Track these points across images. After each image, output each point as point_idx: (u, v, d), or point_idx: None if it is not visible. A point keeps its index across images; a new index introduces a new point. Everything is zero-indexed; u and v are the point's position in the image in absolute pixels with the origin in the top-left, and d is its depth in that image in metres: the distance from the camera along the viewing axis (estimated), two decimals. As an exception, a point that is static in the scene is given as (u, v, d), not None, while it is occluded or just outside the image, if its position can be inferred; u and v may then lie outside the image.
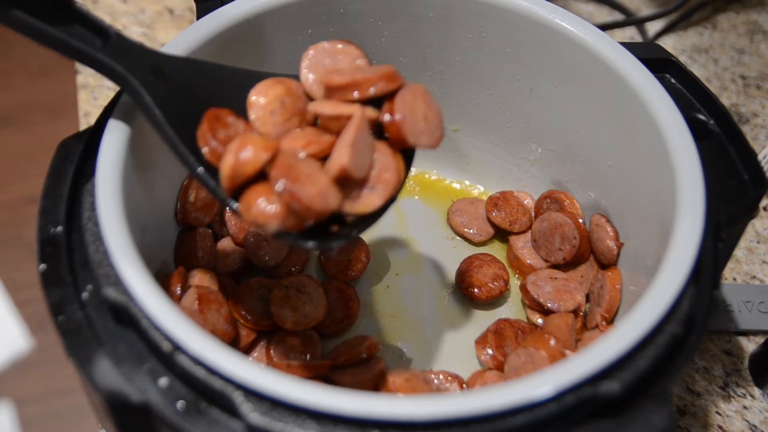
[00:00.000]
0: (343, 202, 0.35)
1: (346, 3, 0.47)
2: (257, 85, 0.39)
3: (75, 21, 0.37)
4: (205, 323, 0.41)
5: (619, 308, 0.45)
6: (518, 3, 0.46)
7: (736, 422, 0.48)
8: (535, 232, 0.50)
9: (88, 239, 0.36)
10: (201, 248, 0.47)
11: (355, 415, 0.30)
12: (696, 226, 0.37)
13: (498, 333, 0.47)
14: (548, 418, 0.31)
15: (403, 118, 0.36)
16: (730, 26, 0.74)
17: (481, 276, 0.50)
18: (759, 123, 0.66)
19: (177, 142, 0.36)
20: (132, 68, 0.37)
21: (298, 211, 0.33)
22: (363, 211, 0.36)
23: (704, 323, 0.35)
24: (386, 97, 0.37)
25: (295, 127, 0.38)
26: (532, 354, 0.42)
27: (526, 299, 0.49)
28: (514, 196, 0.53)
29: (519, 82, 0.50)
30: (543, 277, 0.49)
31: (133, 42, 0.38)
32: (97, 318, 0.34)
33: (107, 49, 0.37)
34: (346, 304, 0.48)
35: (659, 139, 0.41)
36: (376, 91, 0.37)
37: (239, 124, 0.38)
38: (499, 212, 0.52)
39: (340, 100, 0.37)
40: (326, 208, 0.34)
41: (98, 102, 0.64)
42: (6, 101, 1.37)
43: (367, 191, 0.36)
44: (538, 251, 0.50)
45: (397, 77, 0.37)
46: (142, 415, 0.32)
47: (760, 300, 0.53)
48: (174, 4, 0.72)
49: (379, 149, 0.37)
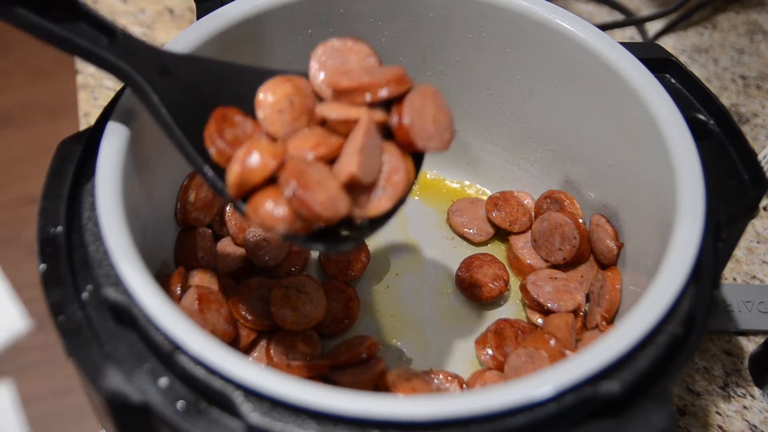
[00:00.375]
0: (353, 207, 0.35)
1: (346, 3, 0.47)
2: (265, 83, 0.38)
3: (80, 19, 0.37)
4: (205, 323, 0.41)
5: (619, 308, 0.45)
6: (518, 3, 0.46)
7: (736, 422, 0.48)
8: (535, 232, 0.50)
9: (88, 239, 0.36)
10: (201, 248, 0.47)
11: (355, 415, 0.30)
12: (696, 226, 0.37)
13: (498, 333, 0.47)
14: (548, 418, 0.31)
15: (412, 122, 0.36)
16: (730, 26, 0.74)
17: (482, 276, 0.50)
18: (759, 123, 0.66)
19: (184, 142, 0.36)
20: (139, 67, 0.37)
21: (306, 216, 0.33)
22: (373, 215, 0.36)
23: (704, 323, 0.35)
24: (395, 99, 0.37)
25: (303, 126, 0.38)
26: (532, 354, 0.42)
27: (526, 299, 0.49)
28: (514, 196, 0.53)
29: (519, 82, 0.50)
30: (543, 277, 0.49)
31: (139, 41, 0.38)
32: (97, 318, 0.34)
33: (113, 48, 0.37)
34: (346, 304, 0.48)
35: (659, 139, 0.41)
36: (385, 95, 0.36)
37: (247, 124, 0.37)
38: (499, 212, 0.52)
39: (349, 102, 0.37)
40: (336, 214, 0.34)
41: (98, 102, 0.64)
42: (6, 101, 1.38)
43: (376, 194, 0.36)
44: (538, 251, 0.50)
45: (405, 79, 0.37)
46: (142, 415, 0.32)
47: (760, 300, 0.53)
48: (174, 4, 0.72)
49: (388, 150, 0.36)
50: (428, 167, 0.56)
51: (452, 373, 0.45)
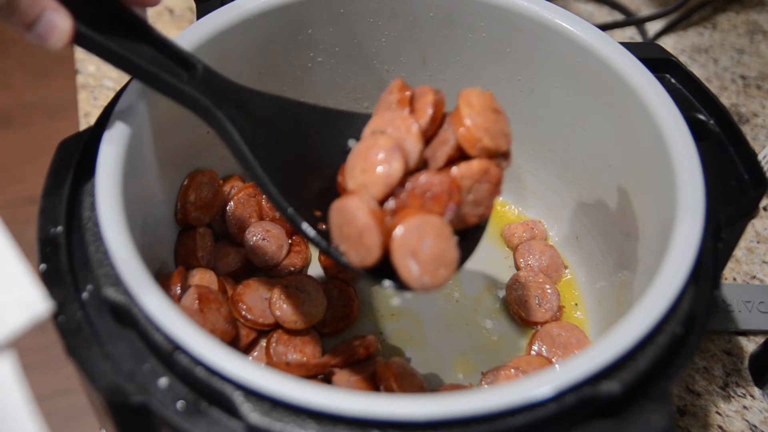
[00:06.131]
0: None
1: (346, 3, 0.47)
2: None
3: (159, 50, 0.37)
4: (205, 323, 0.41)
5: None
6: (518, 3, 0.46)
7: (736, 422, 0.48)
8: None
9: (88, 239, 0.36)
10: (201, 248, 0.47)
11: (355, 415, 0.30)
12: (696, 226, 0.37)
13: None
14: (548, 418, 0.31)
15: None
16: (730, 26, 0.74)
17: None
18: (759, 123, 0.66)
19: (266, 182, 0.36)
20: (221, 104, 0.37)
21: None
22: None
23: (704, 323, 0.35)
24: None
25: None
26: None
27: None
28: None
29: (519, 82, 0.50)
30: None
31: (220, 75, 0.38)
32: (97, 318, 0.34)
33: (195, 83, 0.37)
34: (346, 303, 0.48)
35: (659, 139, 0.41)
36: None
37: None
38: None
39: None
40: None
41: (98, 102, 0.63)
42: (6, 101, 1.37)
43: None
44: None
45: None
46: (142, 415, 0.32)
47: (760, 300, 0.53)
48: (174, 4, 0.72)
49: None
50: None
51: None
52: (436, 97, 0.37)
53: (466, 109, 0.36)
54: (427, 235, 0.34)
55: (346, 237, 0.35)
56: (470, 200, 0.37)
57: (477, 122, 0.36)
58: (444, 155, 0.37)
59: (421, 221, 0.34)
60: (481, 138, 0.36)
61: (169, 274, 0.44)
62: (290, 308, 0.45)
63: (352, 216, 0.34)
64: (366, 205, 0.34)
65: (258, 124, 0.38)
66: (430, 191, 0.35)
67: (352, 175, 0.36)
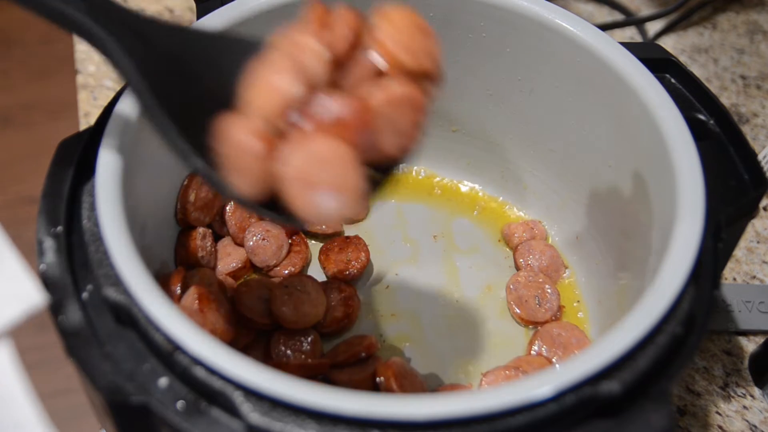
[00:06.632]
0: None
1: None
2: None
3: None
4: (205, 323, 0.41)
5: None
6: (518, 3, 0.46)
7: (736, 422, 0.48)
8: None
9: (88, 239, 0.36)
10: (201, 248, 0.47)
11: (355, 415, 0.30)
12: (696, 227, 0.37)
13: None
14: (548, 418, 0.31)
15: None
16: (730, 26, 0.74)
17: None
18: (759, 123, 0.66)
19: (165, 123, 0.33)
20: (111, 29, 0.33)
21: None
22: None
23: (704, 323, 0.35)
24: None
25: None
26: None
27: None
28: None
29: (519, 82, 0.50)
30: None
31: (114, 2, 0.35)
32: (97, 318, 0.34)
33: (90, 11, 0.33)
34: (346, 303, 0.48)
35: (659, 139, 0.41)
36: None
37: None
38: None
39: None
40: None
41: (98, 102, 0.63)
42: (6, 101, 1.37)
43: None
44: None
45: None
46: (142, 415, 0.32)
47: (760, 300, 0.53)
48: (174, 4, 0.72)
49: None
50: (426, 165, 0.56)
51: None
52: (351, 13, 0.33)
53: (384, 23, 0.33)
54: (324, 161, 0.30)
55: (232, 165, 0.31)
56: (390, 129, 0.32)
57: (395, 38, 0.32)
58: (358, 77, 0.32)
59: (318, 145, 0.30)
60: (397, 54, 0.32)
61: (169, 274, 0.44)
62: (290, 308, 0.45)
63: (230, 137, 0.31)
64: (245, 123, 0.31)
65: (159, 57, 0.35)
66: (337, 116, 0.31)
67: (244, 97, 0.32)
